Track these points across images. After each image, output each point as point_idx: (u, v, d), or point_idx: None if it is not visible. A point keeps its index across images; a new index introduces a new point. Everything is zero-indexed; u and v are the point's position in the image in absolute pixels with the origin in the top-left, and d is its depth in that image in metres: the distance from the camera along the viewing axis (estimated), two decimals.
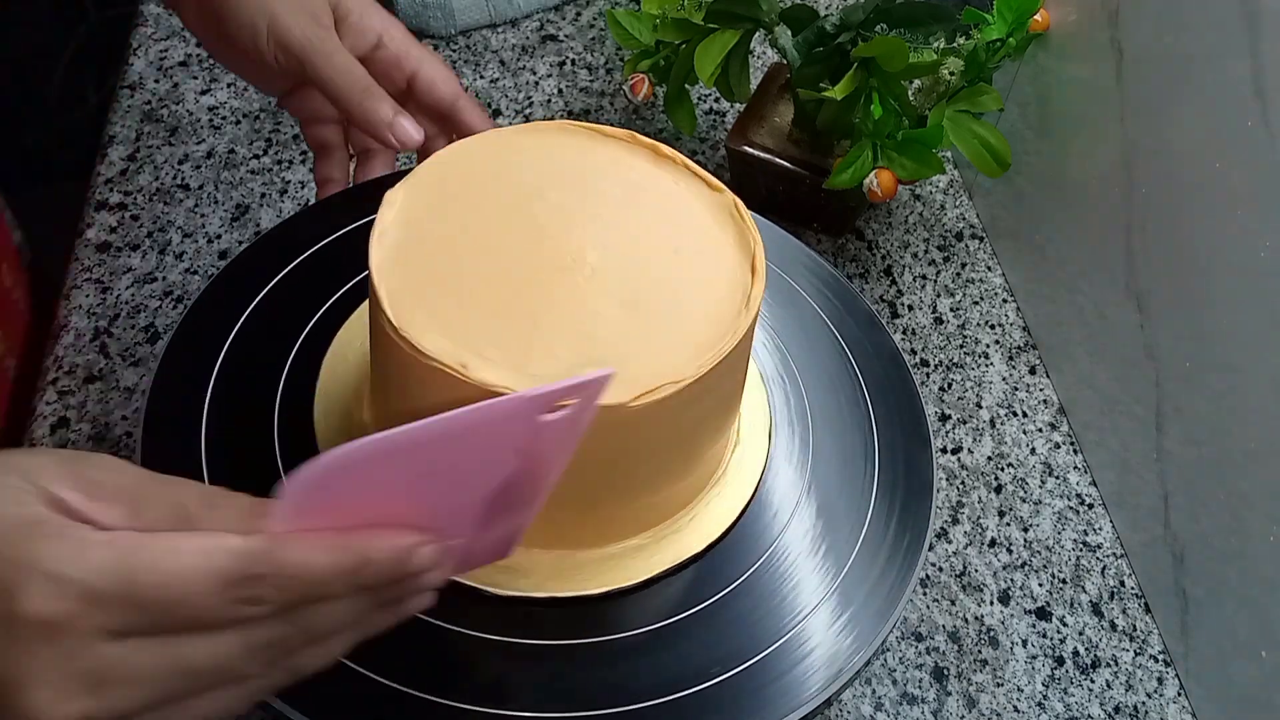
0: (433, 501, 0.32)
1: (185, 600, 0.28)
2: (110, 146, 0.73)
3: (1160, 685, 0.56)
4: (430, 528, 0.32)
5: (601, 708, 0.39)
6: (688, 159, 0.45)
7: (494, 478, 0.33)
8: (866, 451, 0.49)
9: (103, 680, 0.27)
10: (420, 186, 0.42)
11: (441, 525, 0.32)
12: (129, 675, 0.27)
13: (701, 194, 0.44)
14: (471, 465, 0.32)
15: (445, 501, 0.33)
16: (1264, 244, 0.48)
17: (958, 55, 0.64)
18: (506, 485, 0.34)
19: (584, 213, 0.43)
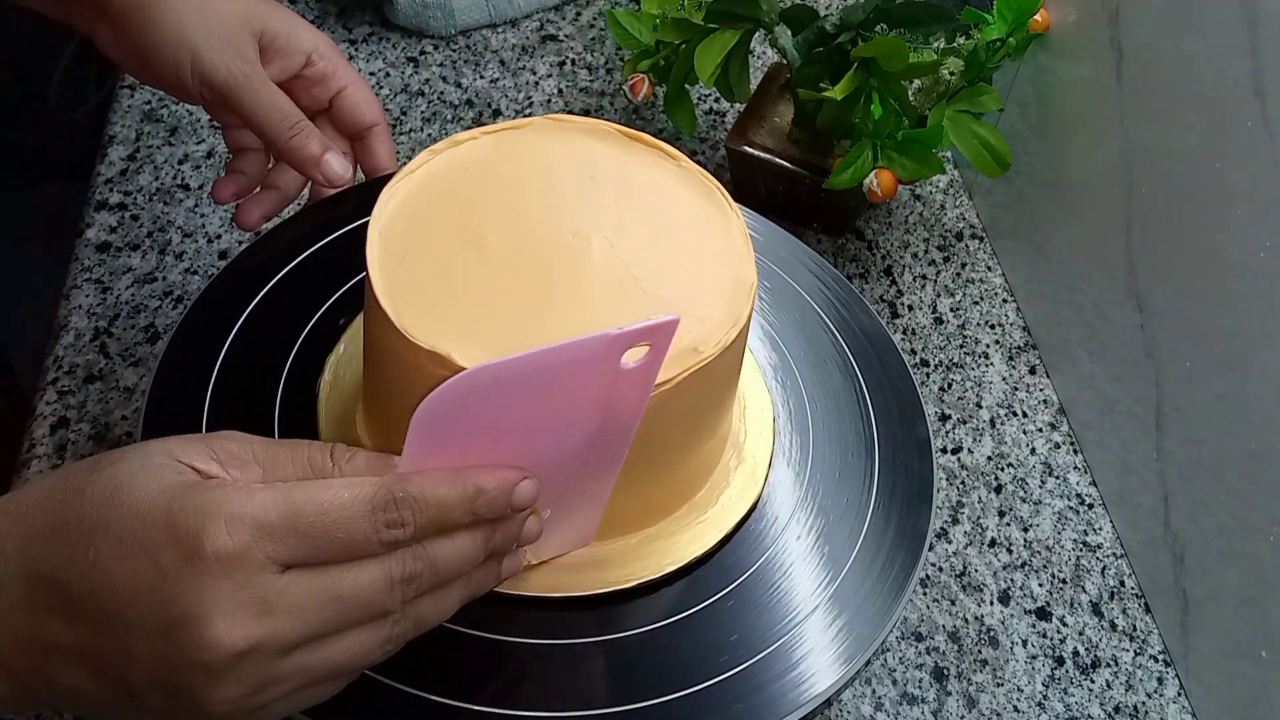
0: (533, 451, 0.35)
1: (342, 522, 0.31)
2: (110, 146, 0.73)
3: (1160, 685, 0.56)
4: None
5: (601, 707, 0.39)
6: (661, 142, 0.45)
7: (580, 429, 0.35)
8: (866, 451, 0.49)
9: (270, 609, 0.31)
10: (415, 183, 0.43)
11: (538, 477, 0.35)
12: (292, 604, 0.31)
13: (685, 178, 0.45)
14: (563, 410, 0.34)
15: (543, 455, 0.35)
16: (1264, 244, 0.48)
17: (958, 55, 0.64)
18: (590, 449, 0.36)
19: (577, 204, 0.43)
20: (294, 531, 0.31)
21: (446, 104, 0.78)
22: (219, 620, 0.30)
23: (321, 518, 0.31)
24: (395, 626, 0.34)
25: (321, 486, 0.32)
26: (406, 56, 0.81)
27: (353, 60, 0.80)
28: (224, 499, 0.31)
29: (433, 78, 0.80)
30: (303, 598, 0.31)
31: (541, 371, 0.32)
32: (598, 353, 0.33)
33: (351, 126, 0.55)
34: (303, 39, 0.53)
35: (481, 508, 0.34)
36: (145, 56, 0.50)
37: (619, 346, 0.33)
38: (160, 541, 0.30)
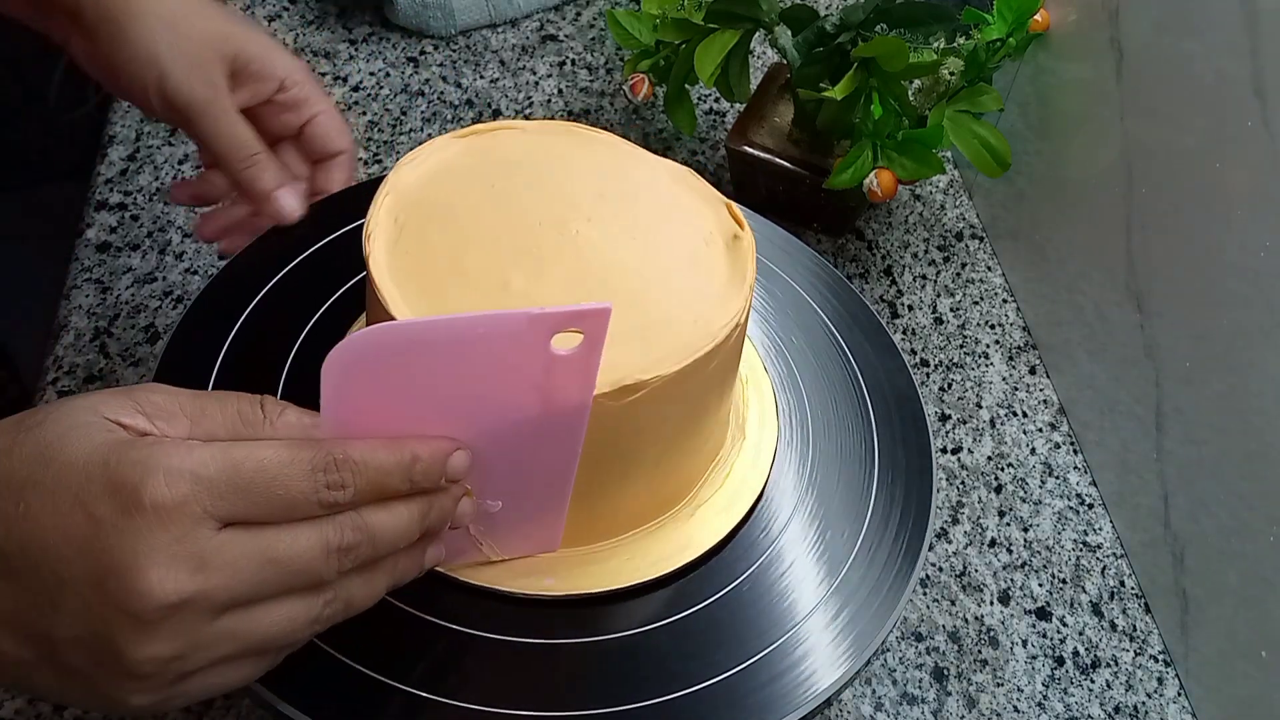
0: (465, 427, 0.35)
1: (280, 480, 0.32)
2: (110, 146, 0.73)
3: (1160, 685, 0.56)
4: None
5: (599, 707, 0.39)
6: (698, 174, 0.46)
7: (519, 416, 0.35)
8: (866, 451, 0.49)
9: (205, 564, 0.30)
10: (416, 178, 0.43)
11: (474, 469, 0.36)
12: (226, 561, 0.31)
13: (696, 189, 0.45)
14: (493, 388, 0.34)
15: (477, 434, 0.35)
16: (1264, 244, 0.48)
17: (958, 55, 0.64)
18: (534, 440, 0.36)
19: (574, 206, 0.43)
20: (233, 487, 0.31)
21: (446, 104, 0.78)
22: (153, 571, 0.30)
23: (260, 474, 0.31)
24: (326, 607, 0.34)
25: (261, 445, 0.32)
26: (406, 56, 0.81)
27: (352, 60, 0.80)
28: (163, 453, 0.31)
29: (433, 78, 0.80)
30: (238, 556, 0.31)
31: (461, 341, 0.33)
32: (520, 330, 0.33)
33: (319, 154, 0.55)
34: (276, 65, 0.52)
35: (418, 475, 0.34)
36: (114, 71, 0.50)
37: (542, 327, 0.33)
38: (96, 494, 0.30)
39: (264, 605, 0.32)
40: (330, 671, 0.39)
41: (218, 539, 0.31)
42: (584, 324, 0.33)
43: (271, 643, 0.33)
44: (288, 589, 0.33)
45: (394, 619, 0.40)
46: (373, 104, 0.77)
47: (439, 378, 0.33)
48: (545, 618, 0.41)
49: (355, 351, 0.32)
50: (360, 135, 0.75)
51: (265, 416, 0.34)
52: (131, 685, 0.31)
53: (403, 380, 0.33)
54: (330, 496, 0.32)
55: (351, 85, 0.78)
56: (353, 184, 0.55)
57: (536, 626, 0.41)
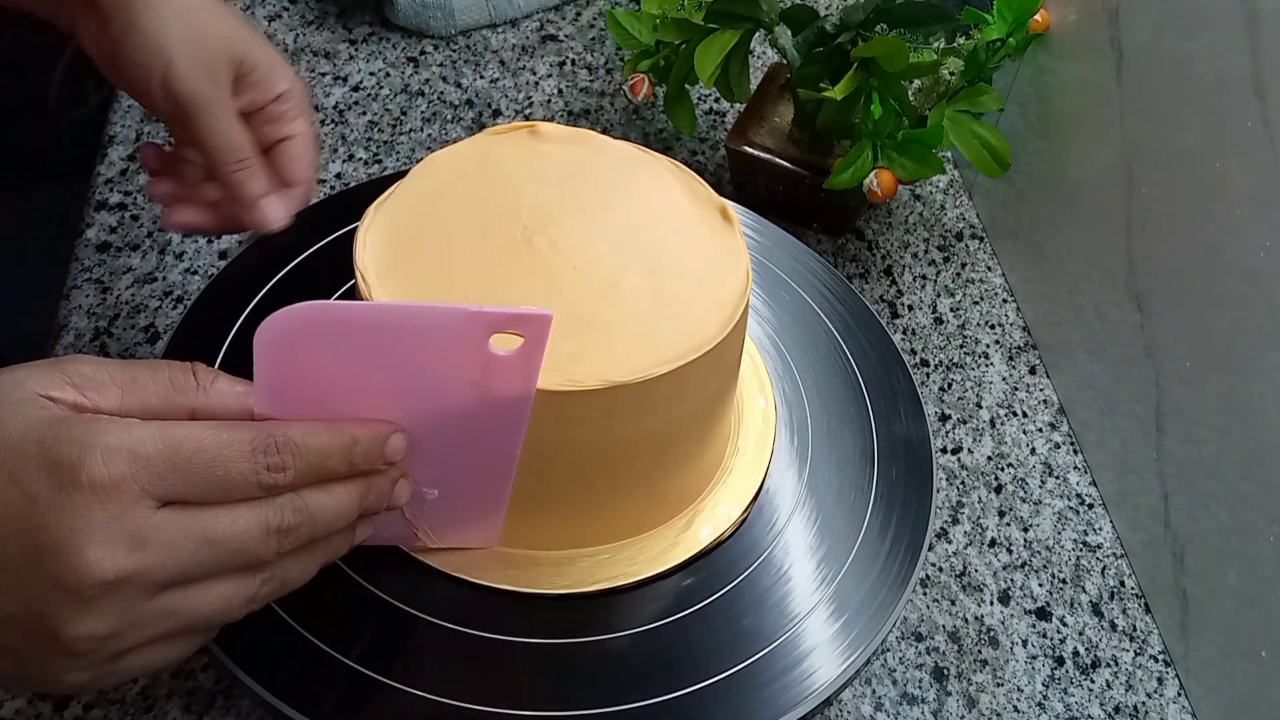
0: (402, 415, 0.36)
1: (220, 460, 0.32)
2: (110, 146, 0.73)
3: (1160, 685, 0.56)
4: None
5: (600, 707, 0.39)
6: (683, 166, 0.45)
7: (456, 409, 0.36)
8: (866, 451, 0.49)
9: (143, 542, 0.31)
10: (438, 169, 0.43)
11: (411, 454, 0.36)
12: (164, 540, 0.31)
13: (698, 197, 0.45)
14: (430, 379, 0.35)
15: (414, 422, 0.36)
16: (1264, 244, 0.48)
17: (958, 55, 0.64)
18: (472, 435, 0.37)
19: (571, 211, 0.43)
20: (171, 466, 0.31)
21: (446, 104, 0.78)
22: (91, 548, 0.30)
23: (199, 454, 0.31)
24: (262, 586, 0.34)
25: (201, 426, 0.32)
26: (406, 56, 0.81)
27: (352, 60, 0.80)
28: (100, 431, 0.31)
29: (433, 78, 0.80)
30: (176, 535, 0.31)
31: (397, 328, 0.33)
32: (457, 326, 0.33)
33: (280, 176, 0.54)
34: (279, 79, 0.52)
35: (358, 457, 0.35)
36: (120, 57, 0.50)
37: (479, 325, 0.33)
38: (32, 471, 0.30)
39: (201, 584, 0.33)
40: (331, 672, 0.39)
41: (156, 518, 0.31)
42: (523, 328, 0.34)
43: (207, 621, 0.33)
44: (225, 569, 0.33)
45: (393, 619, 0.41)
46: (373, 104, 0.77)
47: (374, 362, 0.34)
48: (546, 617, 0.41)
49: (286, 325, 0.32)
50: (360, 135, 0.75)
51: (198, 384, 0.34)
52: (67, 663, 0.31)
53: (337, 360, 0.33)
54: (270, 479, 0.33)
55: (351, 85, 0.78)
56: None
57: (536, 626, 0.41)
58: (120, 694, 0.49)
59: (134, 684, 0.49)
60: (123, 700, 0.49)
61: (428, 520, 0.40)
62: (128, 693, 0.49)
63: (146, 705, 0.49)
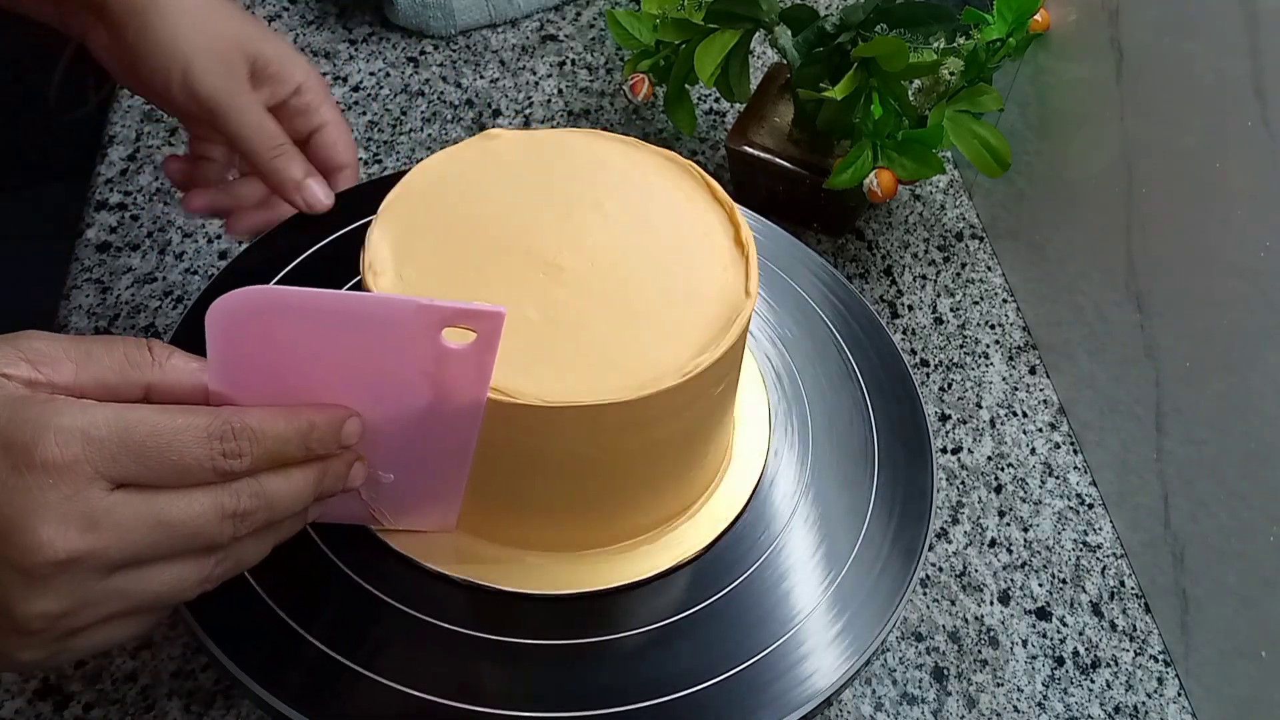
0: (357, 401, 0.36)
1: (175, 445, 0.32)
2: (110, 146, 0.73)
3: (1160, 685, 0.56)
4: None
5: (601, 707, 0.39)
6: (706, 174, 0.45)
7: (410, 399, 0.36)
8: (866, 451, 0.49)
9: (96, 523, 0.31)
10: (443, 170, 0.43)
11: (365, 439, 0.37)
12: (117, 522, 0.31)
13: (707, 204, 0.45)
14: (384, 368, 0.35)
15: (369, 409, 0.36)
16: (1264, 244, 0.48)
17: (958, 55, 0.64)
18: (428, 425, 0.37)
19: (588, 217, 0.43)
20: (125, 449, 0.31)
21: (446, 104, 0.78)
22: (44, 528, 0.30)
23: (153, 438, 0.31)
24: (216, 566, 0.34)
25: (157, 409, 0.32)
26: (406, 56, 0.81)
27: (352, 60, 0.80)
28: (54, 411, 0.31)
29: (433, 78, 0.80)
30: (130, 517, 0.31)
31: (349, 316, 0.33)
32: (407, 318, 0.33)
33: (323, 164, 0.54)
34: (295, 69, 0.53)
35: (314, 442, 0.35)
36: (136, 64, 0.50)
37: (429, 318, 0.33)
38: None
39: (155, 565, 0.33)
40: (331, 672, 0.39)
41: (109, 499, 0.31)
42: (475, 323, 0.34)
43: (160, 601, 0.33)
44: (179, 551, 0.33)
45: (393, 619, 0.41)
46: (373, 104, 0.77)
47: (327, 348, 0.34)
48: (546, 618, 0.41)
49: (237, 308, 0.32)
50: (360, 135, 0.75)
51: (153, 359, 0.35)
52: (19, 641, 0.32)
53: (290, 344, 0.34)
54: (226, 465, 0.33)
55: (351, 85, 0.78)
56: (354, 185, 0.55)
57: (536, 627, 0.41)
58: (120, 694, 0.49)
59: (134, 684, 0.49)
60: (123, 700, 0.49)
61: (384, 502, 0.41)
62: (128, 693, 0.49)
63: (146, 705, 0.49)
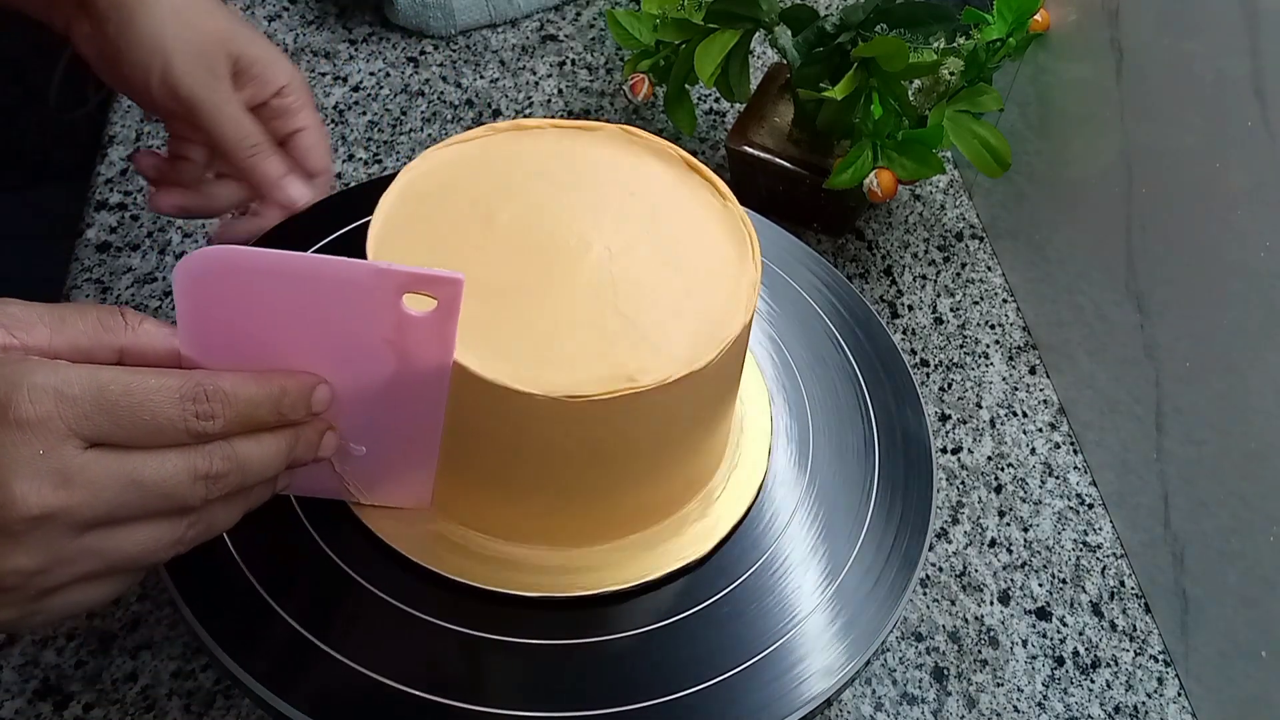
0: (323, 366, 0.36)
1: (147, 405, 0.32)
2: (110, 146, 0.73)
3: (1160, 685, 0.56)
4: None
5: (601, 707, 0.39)
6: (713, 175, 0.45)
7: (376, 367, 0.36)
8: (866, 451, 0.49)
9: (69, 480, 0.31)
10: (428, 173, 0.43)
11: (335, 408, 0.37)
12: (90, 479, 0.31)
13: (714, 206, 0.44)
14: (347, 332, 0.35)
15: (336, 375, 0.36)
16: (1264, 244, 0.48)
17: (958, 55, 0.64)
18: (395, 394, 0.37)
19: (586, 210, 0.43)
20: (98, 407, 0.31)
21: (446, 104, 0.78)
22: (17, 483, 0.30)
23: (126, 397, 0.32)
24: (189, 529, 0.34)
25: (130, 371, 0.32)
26: (406, 56, 0.81)
27: (352, 60, 0.80)
28: (28, 369, 0.31)
29: (433, 78, 0.80)
30: (103, 475, 0.32)
31: (312, 278, 0.34)
32: (366, 282, 0.34)
33: (298, 168, 0.54)
34: (278, 72, 0.53)
35: (286, 407, 0.35)
36: (117, 58, 0.50)
37: (389, 283, 0.34)
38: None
39: (127, 525, 0.33)
40: (332, 673, 0.39)
41: (83, 457, 0.31)
42: (434, 289, 0.34)
43: (133, 562, 0.34)
44: (151, 512, 0.33)
45: (394, 621, 0.41)
46: (373, 104, 0.77)
47: (292, 312, 0.34)
48: (545, 618, 0.41)
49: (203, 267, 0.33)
50: (360, 135, 0.75)
51: (126, 324, 0.35)
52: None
53: (257, 306, 0.34)
54: (199, 426, 0.33)
55: (351, 85, 0.78)
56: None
57: (536, 627, 0.41)
58: (120, 694, 0.49)
59: (134, 684, 0.49)
60: (123, 700, 0.49)
61: (356, 476, 0.41)
62: (128, 693, 0.49)
63: (146, 705, 0.49)
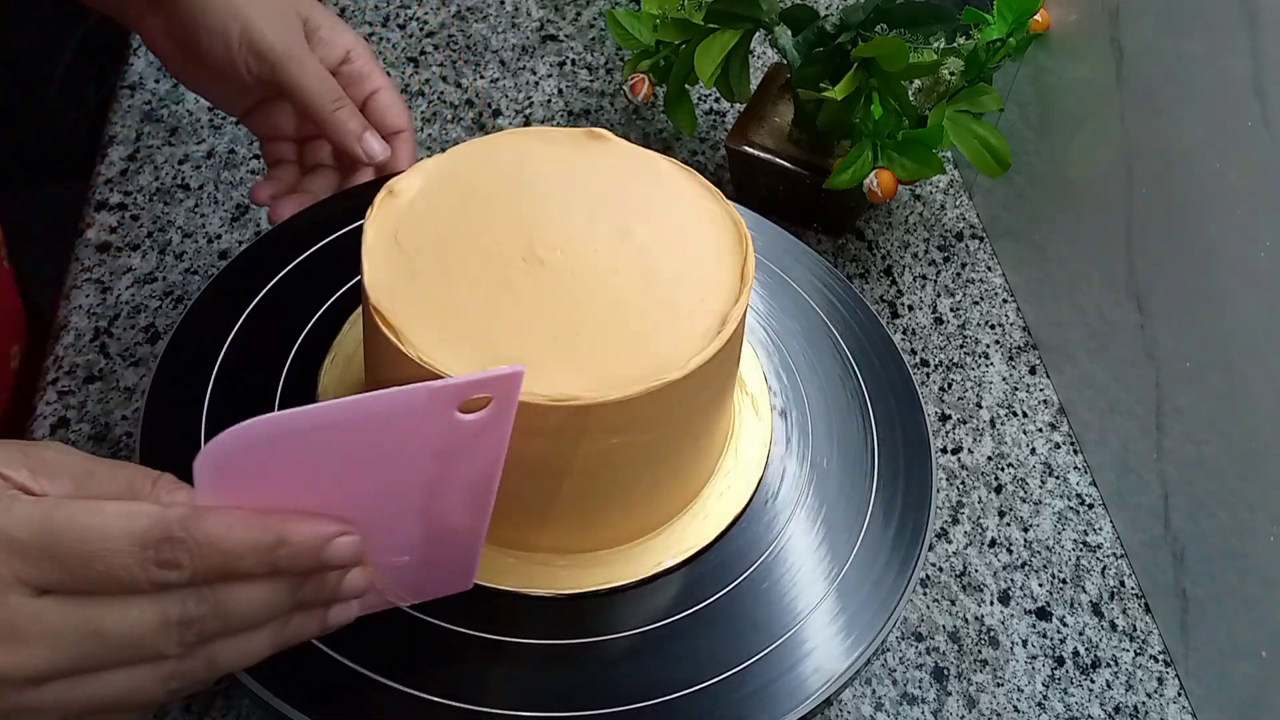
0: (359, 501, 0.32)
1: (101, 554, 0.28)
2: (110, 146, 0.73)
3: (1160, 685, 0.56)
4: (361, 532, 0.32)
5: (601, 708, 0.39)
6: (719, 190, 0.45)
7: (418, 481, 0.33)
8: (866, 451, 0.49)
9: (16, 634, 0.28)
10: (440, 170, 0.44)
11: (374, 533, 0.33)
12: (43, 632, 0.28)
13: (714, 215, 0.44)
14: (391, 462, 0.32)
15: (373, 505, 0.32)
16: (1264, 244, 0.48)
17: (958, 55, 0.64)
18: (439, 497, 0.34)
19: (585, 219, 0.43)
20: (47, 554, 0.28)
21: (446, 104, 0.78)
22: None
23: (79, 545, 0.28)
24: (180, 665, 0.31)
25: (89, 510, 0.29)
26: (407, 57, 0.81)
27: None
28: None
29: (433, 78, 0.80)
30: (58, 626, 0.28)
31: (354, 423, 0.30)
32: (421, 405, 0.30)
33: (380, 129, 0.56)
34: (343, 35, 0.55)
35: (282, 560, 0.30)
36: (195, 34, 0.51)
37: (445, 399, 0.30)
38: None
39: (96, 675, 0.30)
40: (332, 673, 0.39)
41: (33, 606, 0.28)
42: (493, 389, 0.31)
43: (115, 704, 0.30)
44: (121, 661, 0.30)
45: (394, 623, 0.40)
46: None
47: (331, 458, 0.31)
48: (546, 618, 0.41)
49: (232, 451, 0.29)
50: None
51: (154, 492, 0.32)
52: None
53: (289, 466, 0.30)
54: (161, 576, 0.29)
55: None
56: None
57: (537, 627, 0.41)
58: None
59: None
60: None
61: (400, 585, 0.37)
62: None
63: None
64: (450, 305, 0.39)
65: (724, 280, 0.42)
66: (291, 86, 0.52)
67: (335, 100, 0.53)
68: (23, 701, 0.29)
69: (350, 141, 0.54)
